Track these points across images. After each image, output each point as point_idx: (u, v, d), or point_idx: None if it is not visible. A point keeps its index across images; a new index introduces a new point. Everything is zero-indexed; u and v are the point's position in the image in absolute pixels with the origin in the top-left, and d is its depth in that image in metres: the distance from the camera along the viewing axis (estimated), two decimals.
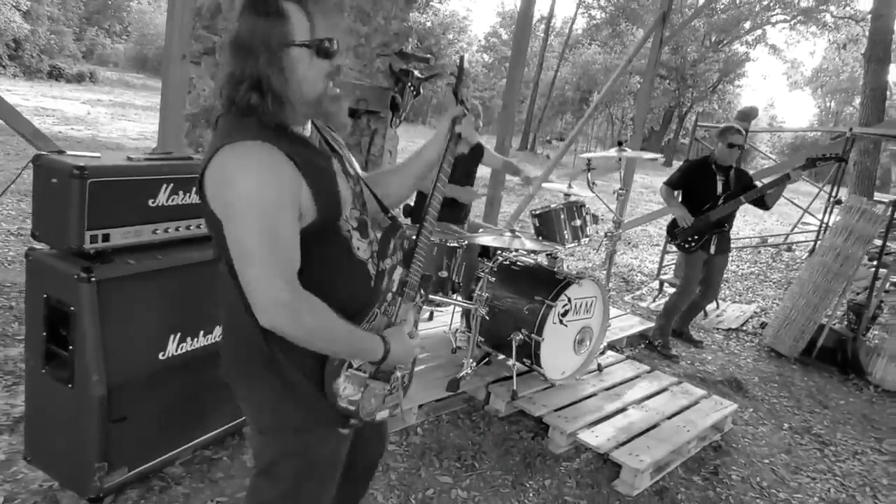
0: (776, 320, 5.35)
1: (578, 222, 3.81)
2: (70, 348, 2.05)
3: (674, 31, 7.93)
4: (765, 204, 4.50)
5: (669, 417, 3.46)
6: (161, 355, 2.26)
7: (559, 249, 3.68)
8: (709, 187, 4.50)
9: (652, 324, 4.99)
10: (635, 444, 3.11)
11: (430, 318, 4.37)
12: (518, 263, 3.70)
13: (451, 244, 3.60)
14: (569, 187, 4.07)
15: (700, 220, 4.47)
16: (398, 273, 1.53)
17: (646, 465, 2.91)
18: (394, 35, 5.25)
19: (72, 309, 2.01)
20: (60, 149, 2.39)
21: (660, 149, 34.09)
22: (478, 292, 3.46)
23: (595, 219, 3.97)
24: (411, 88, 5.43)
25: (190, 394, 2.37)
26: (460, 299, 3.65)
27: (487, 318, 3.47)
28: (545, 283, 3.43)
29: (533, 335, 3.30)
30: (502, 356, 3.71)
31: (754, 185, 4.53)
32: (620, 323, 4.93)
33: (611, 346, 4.47)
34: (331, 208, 1.35)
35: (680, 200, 4.65)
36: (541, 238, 3.82)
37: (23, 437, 2.37)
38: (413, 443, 2.98)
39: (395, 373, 1.54)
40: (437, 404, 3.31)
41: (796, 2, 28.81)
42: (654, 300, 6.28)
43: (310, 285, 1.31)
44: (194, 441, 2.48)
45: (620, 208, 7.26)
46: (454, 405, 3.38)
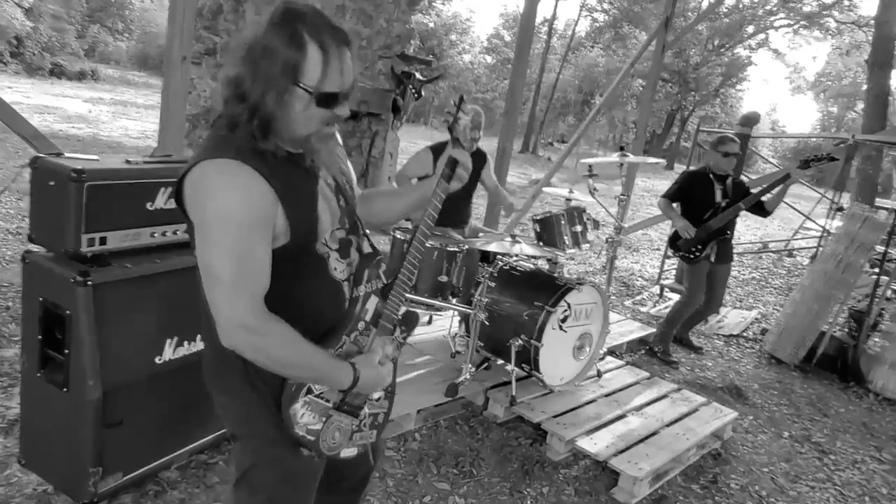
0: (777, 327, 5.33)
1: (579, 228, 3.79)
2: (66, 352, 2.03)
3: (677, 36, 7.92)
4: (765, 210, 4.48)
5: (669, 425, 3.44)
6: (158, 359, 2.24)
7: (559, 255, 3.67)
8: (708, 196, 4.49)
9: (652, 329, 4.98)
10: (634, 451, 3.10)
11: (430, 322, 4.35)
12: (518, 268, 3.68)
13: (451, 249, 3.58)
14: (570, 192, 4.06)
15: (702, 229, 4.45)
16: (373, 302, 1.49)
17: (644, 473, 2.89)
18: (396, 37, 5.24)
19: (68, 313, 1.99)
20: (59, 151, 2.37)
21: (662, 152, 34.07)
22: (477, 297, 3.44)
23: (596, 224, 3.95)
24: (412, 91, 5.42)
25: (186, 398, 2.35)
26: (459, 304, 3.64)
27: (486, 323, 3.46)
28: (545, 288, 3.41)
29: (532, 341, 3.29)
30: (501, 361, 3.69)
31: (751, 192, 4.51)
32: (620, 328, 4.92)
33: (610, 351, 4.45)
34: (304, 235, 1.33)
35: (680, 212, 4.63)
36: (541, 243, 3.80)
37: (17, 440, 2.36)
38: (411, 448, 2.97)
39: (365, 408, 1.50)
40: (436, 409, 3.29)
41: (800, 6, 28.79)
42: (655, 305, 6.26)
43: (279, 300, 1.29)
44: (190, 445, 2.46)
45: (622, 214, 7.29)
46: (452, 410, 3.37)
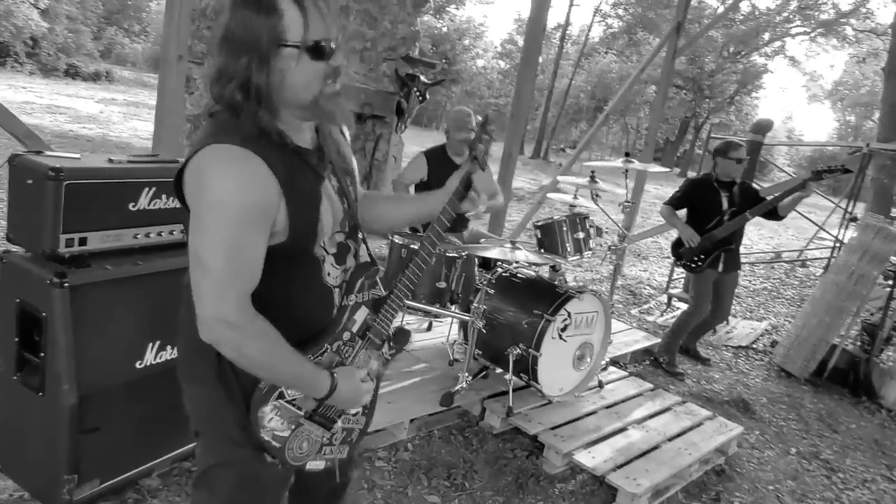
0: (787, 339, 5.20)
1: (581, 234, 3.70)
2: (41, 355, 1.98)
3: (689, 42, 7.81)
4: (777, 215, 4.36)
5: (671, 439, 3.34)
6: (138, 364, 2.18)
7: (560, 262, 3.58)
8: (713, 204, 4.38)
9: (658, 339, 4.87)
10: (634, 466, 3.00)
11: (429, 328, 4.28)
12: (518, 276, 3.60)
13: (451, 254, 3.51)
14: (574, 198, 3.98)
15: (705, 238, 4.35)
16: (362, 314, 1.44)
17: (643, 490, 2.79)
18: (401, 39, 5.18)
19: (44, 315, 1.94)
20: (39, 149, 2.32)
21: (675, 160, 33.84)
22: (475, 304, 3.36)
23: (599, 231, 3.86)
24: (417, 94, 5.36)
25: (168, 404, 2.27)
26: (458, 311, 3.56)
27: (484, 330, 3.38)
28: (545, 296, 3.33)
29: (530, 350, 3.20)
30: (500, 370, 3.61)
31: (761, 198, 4.40)
32: (625, 338, 4.81)
33: (614, 361, 4.35)
34: (304, 236, 1.28)
35: (686, 220, 4.53)
36: (543, 250, 3.72)
37: None
38: (402, 459, 2.89)
39: (339, 422, 1.45)
40: (430, 419, 3.21)
41: (817, 14, 28.52)
42: (662, 315, 6.15)
43: (266, 299, 1.24)
44: (172, 453, 2.39)
45: (629, 221, 7.18)
46: (448, 420, 3.28)
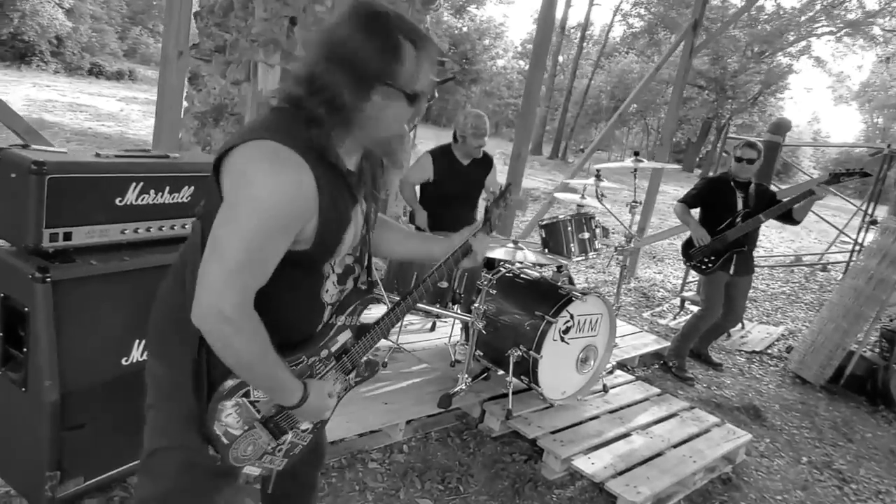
0: (803, 344, 5.06)
1: (587, 235, 3.62)
2: (25, 350, 1.96)
3: (705, 41, 7.68)
4: (793, 219, 4.23)
5: (676, 446, 3.25)
6: (124, 361, 2.16)
7: (564, 262, 3.51)
8: (728, 204, 4.27)
9: (668, 343, 4.76)
10: (635, 473, 2.92)
11: (433, 328, 4.22)
12: (521, 276, 3.53)
13: None
14: (582, 198, 3.90)
15: (717, 239, 4.24)
16: (344, 336, 1.47)
17: (643, 498, 2.71)
18: None
19: (26, 309, 1.92)
20: (35, 144, 2.31)
21: (697, 161, 33.38)
22: (476, 305, 3.30)
23: (605, 232, 3.78)
24: None
25: None
26: (459, 311, 3.50)
27: (485, 331, 3.32)
28: (547, 297, 3.26)
29: (531, 352, 3.13)
30: (502, 372, 3.54)
31: (777, 200, 4.27)
32: (634, 341, 4.72)
33: (621, 365, 4.27)
34: (322, 253, 1.30)
35: (700, 219, 4.42)
36: (547, 250, 3.65)
37: None
38: (396, 461, 2.84)
39: (289, 434, 1.44)
40: (428, 420, 3.16)
41: (843, 14, 27.93)
42: (675, 318, 6.02)
43: (262, 300, 1.22)
44: None
45: (643, 222, 7.06)
46: (446, 422, 3.23)
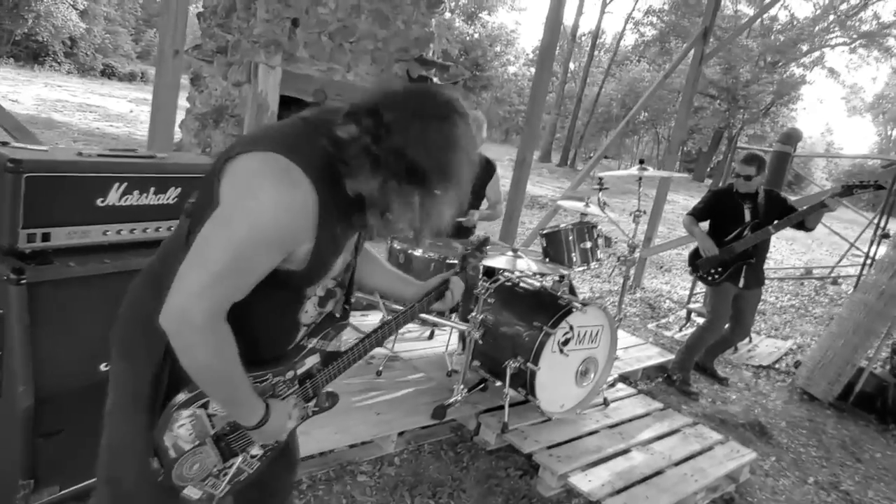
0: (811, 360, 4.94)
1: (589, 244, 3.53)
2: (0, 354, 1.90)
3: (715, 49, 7.58)
4: (805, 226, 4.12)
5: (677, 464, 3.15)
6: (103, 366, 2.09)
7: (565, 272, 3.42)
8: (736, 215, 4.17)
9: (673, 356, 4.66)
10: (633, 492, 2.82)
11: (431, 337, 4.14)
12: (520, 285, 3.45)
13: (451, 261, 3.38)
14: (586, 206, 3.81)
15: (724, 251, 4.14)
16: (312, 360, 1.45)
17: None
18: (414, 40, 5.07)
19: (1, 312, 1.86)
20: (25, 142, 2.27)
21: (708, 171, 33.15)
22: (473, 314, 3.22)
23: (608, 242, 3.69)
24: None
25: None
26: (457, 320, 3.42)
27: (481, 341, 3.23)
28: (546, 308, 3.17)
29: (528, 364, 3.04)
30: (500, 383, 3.45)
31: (789, 207, 4.16)
32: (637, 353, 4.62)
33: (623, 377, 4.16)
34: (309, 277, 1.29)
35: (708, 231, 4.32)
36: (548, 259, 3.56)
37: None
38: (386, 474, 2.75)
39: (238, 458, 1.40)
40: (422, 432, 3.08)
41: (858, 25, 27.74)
42: (681, 329, 5.91)
43: (238, 313, 1.20)
44: None
45: (650, 231, 6.96)
46: (440, 434, 3.14)
